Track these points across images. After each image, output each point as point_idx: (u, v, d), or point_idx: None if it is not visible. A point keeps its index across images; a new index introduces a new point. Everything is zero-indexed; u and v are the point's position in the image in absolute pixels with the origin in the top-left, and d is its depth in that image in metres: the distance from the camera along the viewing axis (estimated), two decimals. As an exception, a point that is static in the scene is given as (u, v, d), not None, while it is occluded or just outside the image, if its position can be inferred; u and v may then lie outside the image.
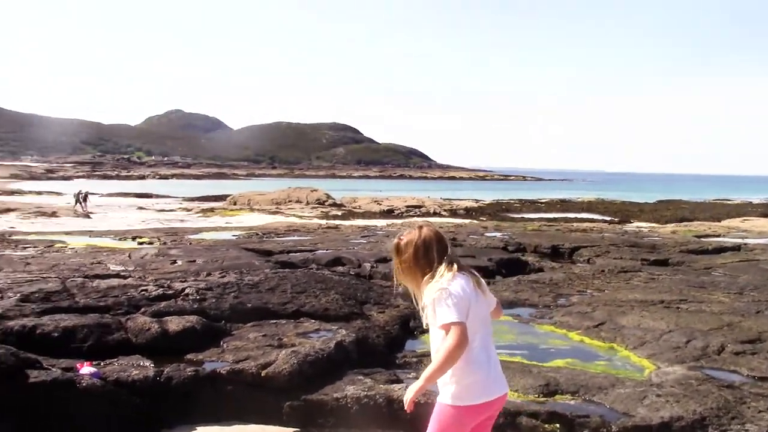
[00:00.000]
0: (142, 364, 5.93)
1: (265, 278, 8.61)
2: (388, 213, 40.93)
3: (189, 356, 6.19)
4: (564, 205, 53.33)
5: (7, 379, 5.12)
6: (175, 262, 9.99)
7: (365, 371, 6.27)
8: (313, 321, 7.38)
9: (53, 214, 33.79)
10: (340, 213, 40.19)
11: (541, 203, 54.84)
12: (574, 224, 29.70)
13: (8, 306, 6.35)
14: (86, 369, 5.62)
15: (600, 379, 6.02)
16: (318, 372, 6.04)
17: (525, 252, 15.71)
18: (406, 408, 3.38)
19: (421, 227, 3.56)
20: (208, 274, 8.81)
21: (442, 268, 3.38)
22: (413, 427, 5.53)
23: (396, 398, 5.63)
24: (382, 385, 5.86)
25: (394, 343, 7.55)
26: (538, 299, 9.74)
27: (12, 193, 58.13)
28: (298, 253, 12.40)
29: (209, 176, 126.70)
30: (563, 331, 8.14)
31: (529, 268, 13.11)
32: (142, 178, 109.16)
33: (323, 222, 30.53)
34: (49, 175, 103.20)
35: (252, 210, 42.38)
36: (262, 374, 5.83)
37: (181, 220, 32.99)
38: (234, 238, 18.12)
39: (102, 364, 5.89)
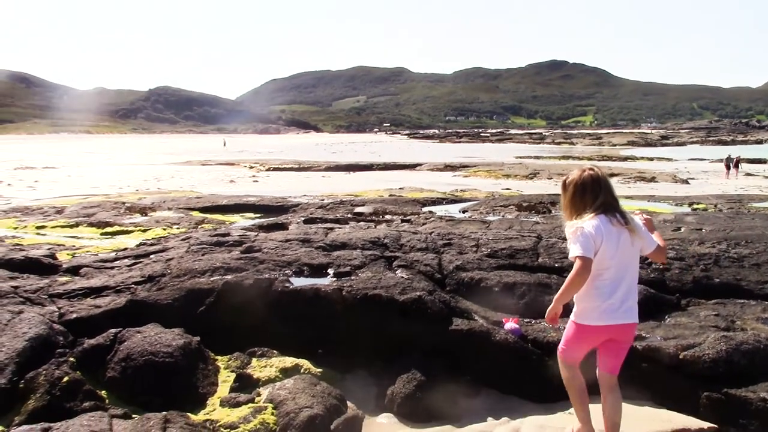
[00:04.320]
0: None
1: (756, 252, 7.43)
2: None
3: (619, 326, 5.88)
4: None
5: (435, 324, 5.81)
6: (678, 229, 9.36)
7: (832, 373, 5.00)
8: (796, 305, 6.11)
9: (652, 179, 34.40)
10: None
11: None
12: None
13: (470, 259, 7.05)
14: (509, 325, 5.93)
15: None
16: (753, 364, 5.08)
17: None
18: (548, 323, 4.15)
19: (584, 170, 4.00)
20: (700, 243, 8.06)
21: (589, 214, 3.89)
22: None
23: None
24: (831, 394, 4.61)
25: None
26: None
27: (625, 159, 60.81)
28: None
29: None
30: None
31: None
32: (759, 142, 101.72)
33: None
34: (663, 141, 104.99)
35: None
36: (680, 356, 5.21)
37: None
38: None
39: (532, 322, 6.11)
